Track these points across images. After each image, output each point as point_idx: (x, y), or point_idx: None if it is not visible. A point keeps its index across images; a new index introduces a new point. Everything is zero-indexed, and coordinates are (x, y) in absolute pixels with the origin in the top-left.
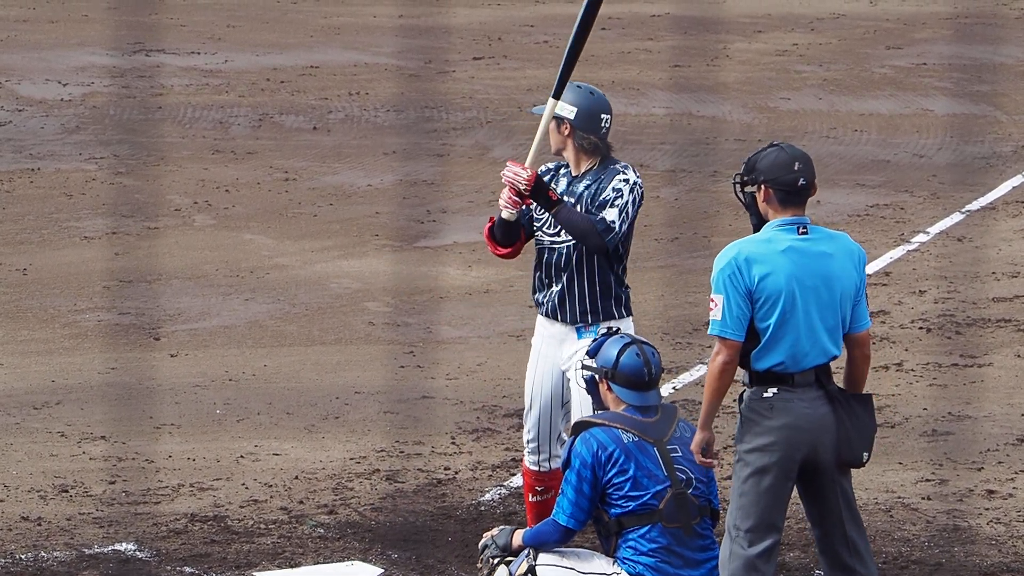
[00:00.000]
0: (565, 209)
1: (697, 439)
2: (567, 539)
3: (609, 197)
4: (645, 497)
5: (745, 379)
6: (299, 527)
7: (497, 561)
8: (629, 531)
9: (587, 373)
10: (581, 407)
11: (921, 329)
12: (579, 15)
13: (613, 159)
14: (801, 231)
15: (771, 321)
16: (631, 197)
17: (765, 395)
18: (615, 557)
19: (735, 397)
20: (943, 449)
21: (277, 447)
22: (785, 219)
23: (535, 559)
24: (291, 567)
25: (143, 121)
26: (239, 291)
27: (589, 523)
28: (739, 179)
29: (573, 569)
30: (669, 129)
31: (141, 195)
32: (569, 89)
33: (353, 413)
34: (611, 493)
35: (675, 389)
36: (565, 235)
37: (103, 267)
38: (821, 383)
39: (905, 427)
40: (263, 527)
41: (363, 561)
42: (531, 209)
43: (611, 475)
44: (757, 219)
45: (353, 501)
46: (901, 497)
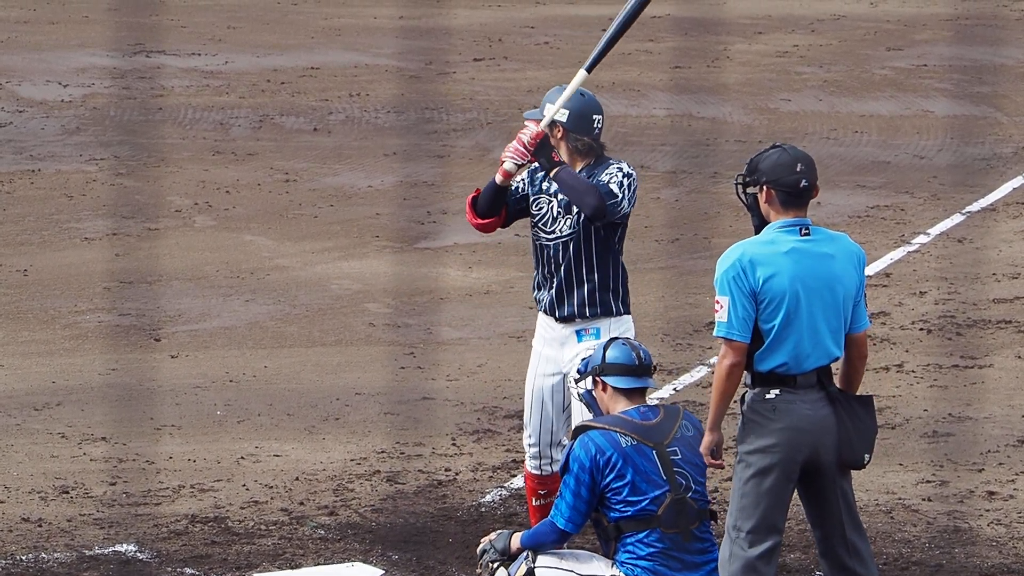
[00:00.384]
0: (565, 170)
1: (706, 442)
2: (564, 541)
3: (604, 179)
4: (644, 503)
5: (747, 380)
6: (300, 528)
7: (497, 565)
8: (628, 535)
9: (581, 388)
10: (582, 411)
11: (922, 330)
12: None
13: (606, 158)
14: (803, 232)
15: (775, 322)
16: (627, 181)
17: (768, 396)
18: (614, 560)
19: (736, 398)
20: (944, 450)
21: (278, 448)
22: (787, 220)
23: (534, 561)
24: (292, 568)
25: (143, 122)
26: (239, 292)
27: (589, 524)
28: (741, 180)
29: (571, 571)
30: (669, 130)
31: (141, 196)
32: (557, 92)
33: (354, 414)
34: (609, 497)
35: (676, 391)
36: (561, 231)
37: (104, 268)
38: (823, 384)
39: (906, 428)
40: (264, 528)
41: (364, 562)
42: (523, 190)
43: (609, 480)
44: (759, 220)
45: (354, 502)
46: (902, 498)
